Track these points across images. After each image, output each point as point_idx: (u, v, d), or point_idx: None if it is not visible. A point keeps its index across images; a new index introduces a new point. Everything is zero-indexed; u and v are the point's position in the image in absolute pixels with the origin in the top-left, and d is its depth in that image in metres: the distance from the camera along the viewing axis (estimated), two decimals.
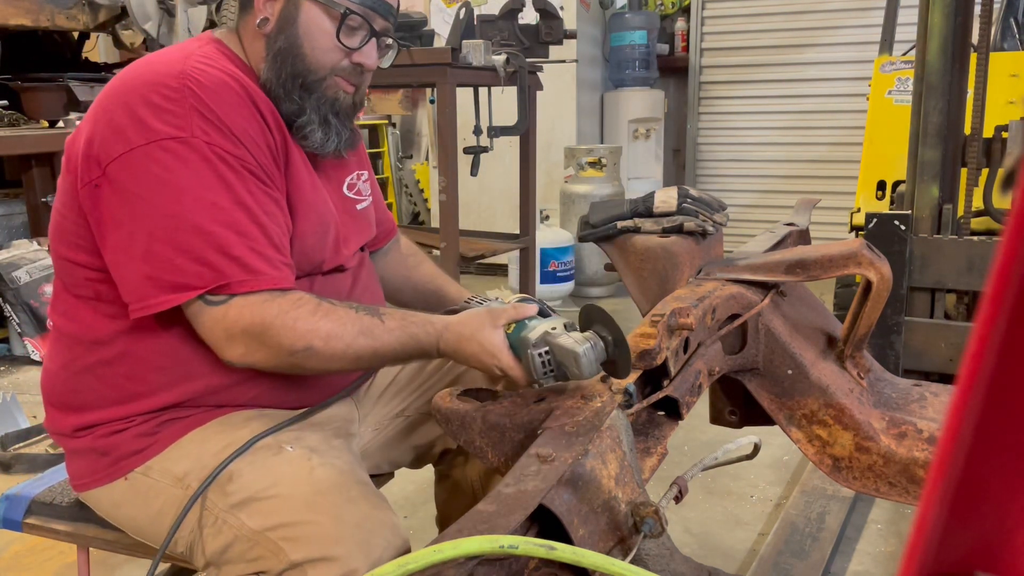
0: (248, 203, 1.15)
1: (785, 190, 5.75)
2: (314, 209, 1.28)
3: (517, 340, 1.16)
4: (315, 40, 1.25)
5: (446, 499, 1.60)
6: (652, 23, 5.63)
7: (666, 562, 0.93)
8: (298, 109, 1.25)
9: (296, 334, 1.13)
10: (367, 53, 1.28)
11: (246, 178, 1.15)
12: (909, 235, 2.43)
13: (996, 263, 0.30)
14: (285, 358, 1.15)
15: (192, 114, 1.13)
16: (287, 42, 1.24)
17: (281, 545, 1.09)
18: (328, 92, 1.27)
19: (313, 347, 1.14)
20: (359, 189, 1.45)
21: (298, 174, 1.26)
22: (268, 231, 1.16)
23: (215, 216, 1.12)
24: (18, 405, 2.95)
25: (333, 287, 1.32)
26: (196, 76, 1.16)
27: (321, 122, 1.27)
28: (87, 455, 1.25)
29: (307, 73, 1.25)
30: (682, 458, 2.69)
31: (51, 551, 2.17)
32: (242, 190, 1.14)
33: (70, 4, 4.16)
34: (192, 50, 1.23)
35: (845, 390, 1.34)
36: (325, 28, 1.24)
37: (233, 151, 1.14)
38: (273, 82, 1.25)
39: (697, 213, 1.44)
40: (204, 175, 1.12)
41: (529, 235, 4.03)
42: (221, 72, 1.19)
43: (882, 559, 2.16)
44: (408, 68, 3.24)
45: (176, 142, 1.12)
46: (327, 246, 1.30)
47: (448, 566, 0.72)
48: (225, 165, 1.13)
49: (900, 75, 3.59)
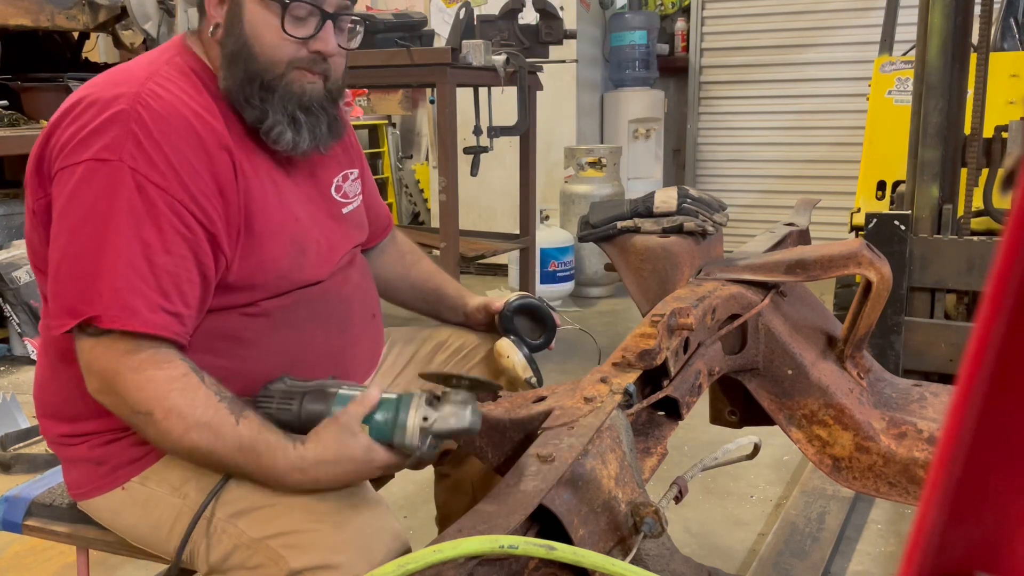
0: (150, 240, 1.09)
1: (785, 190, 5.75)
2: (283, 231, 1.23)
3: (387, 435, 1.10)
4: (262, 37, 1.19)
5: (446, 499, 1.60)
6: (652, 23, 5.63)
7: (666, 562, 0.93)
8: (260, 113, 1.20)
9: (141, 396, 1.07)
10: (324, 39, 1.22)
11: (161, 213, 1.09)
12: (909, 235, 2.43)
13: (996, 263, 0.30)
14: (127, 415, 1.10)
15: (128, 139, 1.09)
16: (236, 44, 1.20)
17: (282, 553, 1.09)
18: (293, 88, 1.22)
19: (153, 416, 1.07)
20: (346, 191, 1.40)
21: (261, 199, 1.21)
22: (160, 271, 1.09)
23: (110, 243, 1.07)
24: (18, 405, 2.95)
25: (322, 296, 1.30)
26: (148, 99, 1.12)
27: (289, 121, 1.22)
28: (83, 464, 1.24)
29: (263, 72, 1.20)
30: (682, 458, 2.69)
31: (51, 552, 2.17)
32: (150, 225, 1.09)
33: (70, 4, 4.16)
34: (158, 66, 1.19)
35: (845, 390, 1.34)
36: (270, 23, 1.19)
37: (159, 183, 1.09)
38: (233, 90, 1.20)
39: (697, 213, 1.44)
40: (115, 201, 1.08)
41: (529, 235, 4.03)
42: (177, 96, 1.15)
43: (882, 559, 2.16)
44: (408, 68, 3.24)
45: (101, 164, 1.09)
46: (307, 263, 1.26)
47: (448, 566, 0.72)
48: (140, 196, 1.08)
49: (900, 75, 3.58)
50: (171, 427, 1.07)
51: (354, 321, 1.36)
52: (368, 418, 1.10)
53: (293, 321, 1.26)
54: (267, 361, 1.23)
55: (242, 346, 1.22)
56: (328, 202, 1.36)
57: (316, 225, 1.30)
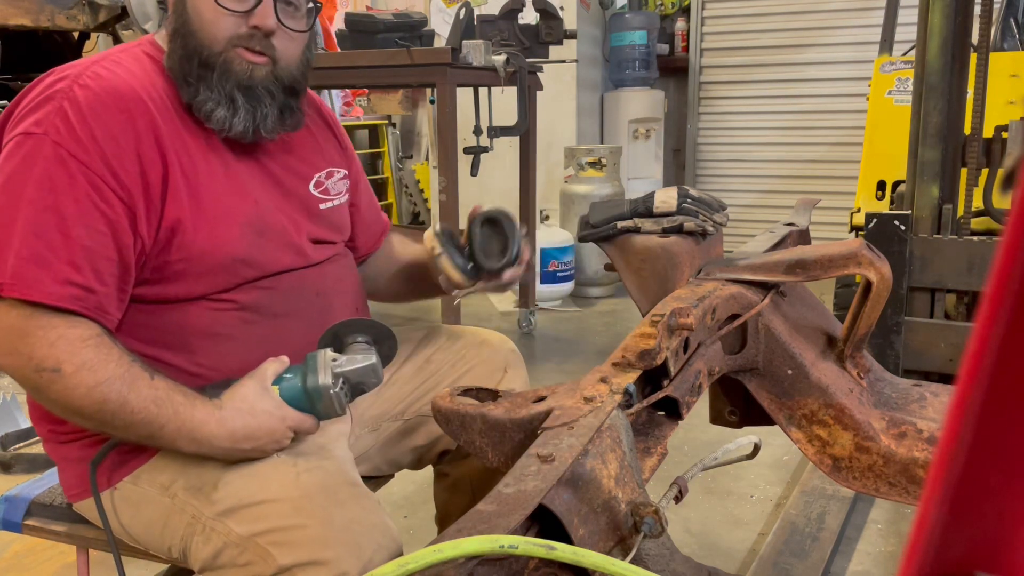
0: (66, 212, 1.08)
1: (785, 190, 5.75)
2: (235, 213, 1.21)
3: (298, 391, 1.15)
4: (201, 13, 1.19)
5: (446, 499, 1.60)
6: (652, 23, 5.63)
7: (666, 562, 0.93)
8: (194, 90, 1.20)
9: (50, 351, 1.05)
10: (261, 13, 1.20)
11: (79, 187, 1.09)
12: (909, 235, 2.43)
13: (996, 263, 0.30)
14: (31, 373, 1.07)
15: (56, 115, 1.10)
16: (179, 21, 1.21)
17: (270, 550, 1.09)
18: (232, 66, 1.20)
19: (62, 370, 1.05)
20: (327, 188, 1.39)
21: (208, 181, 1.20)
22: (74, 244, 1.08)
23: (23, 214, 1.07)
24: (18, 405, 2.95)
25: (297, 289, 1.29)
26: (87, 79, 1.13)
27: (225, 100, 1.20)
28: (76, 465, 1.24)
29: (201, 48, 1.20)
30: (682, 458, 2.69)
31: (51, 551, 2.17)
32: (67, 197, 1.08)
33: (70, 4, 4.16)
34: (110, 54, 1.21)
35: (845, 390, 1.34)
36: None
37: (82, 157, 1.09)
38: (175, 68, 1.21)
39: (697, 213, 1.44)
40: (32, 172, 1.08)
41: (529, 235, 4.02)
42: (119, 76, 1.16)
43: (882, 559, 2.16)
44: (408, 68, 3.24)
45: (27, 137, 1.10)
46: (267, 247, 1.24)
47: (448, 566, 0.72)
48: (61, 168, 1.08)
49: (900, 75, 3.58)
50: (80, 381, 1.06)
51: (335, 315, 1.34)
52: (279, 379, 1.16)
53: (265, 314, 1.25)
54: (242, 357, 1.22)
55: (214, 341, 1.22)
56: (302, 195, 1.35)
57: (279, 211, 1.29)
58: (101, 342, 1.09)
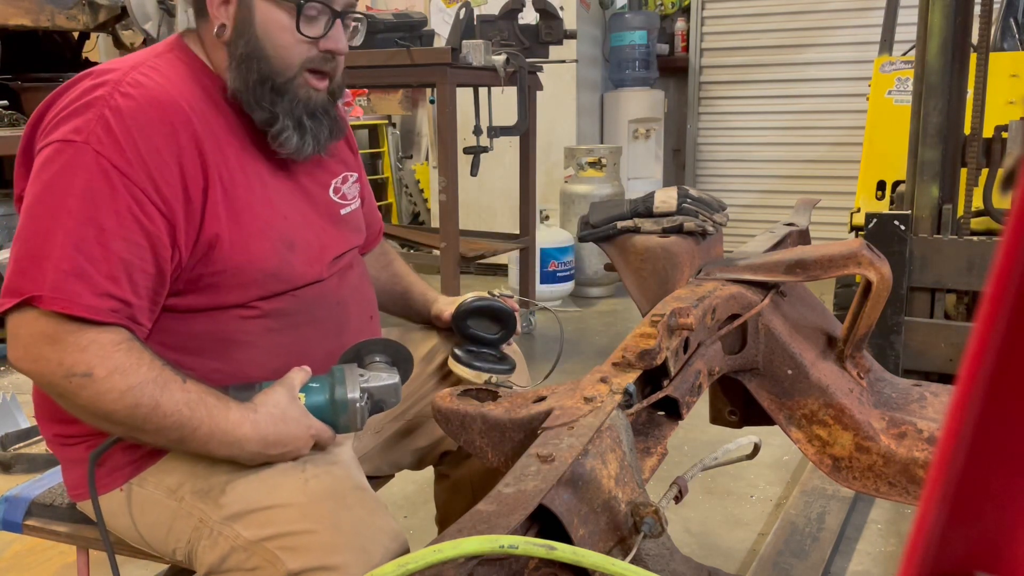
0: (106, 224, 1.06)
1: (785, 190, 5.75)
2: (271, 229, 1.22)
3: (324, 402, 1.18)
4: (276, 39, 1.19)
5: (446, 499, 1.60)
6: (652, 23, 5.63)
7: (666, 562, 0.93)
8: (270, 117, 1.20)
9: (82, 356, 1.04)
10: (335, 37, 1.22)
11: (121, 199, 1.07)
12: (909, 235, 2.43)
13: (996, 263, 0.30)
14: (60, 379, 1.05)
15: (98, 123, 1.08)
16: (248, 47, 1.19)
17: (279, 555, 1.09)
18: (300, 92, 1.22)
19: (93, 375, 1.04)
20: (344, 193, 1.39)
21: (246, 196, 1.20)
22: (113, 257, 1.07)
23: (63, 225, 1.05)
24: (18, 405, 2.95)
25: (319, 298, 1.29)
26: (128, 86, 1.11)
27: (296, 126, 1.22)
28: (82, 465, 1.24)
29: (275, 75, 1.20)
30: (682, 458, 2.69)
31: (51, 551, 2.17)
32: (108, 210, 1.07)
33: (70, 4, 4.16)
34: (146, 58, 1.19)
35: (845, 390, 1.34)
36: (284, 24, 1.19)
37: (124, 169, 1.07)
38: (242, 91, 1.19)
39: (697, 213, 1.44)
40: (74, 182, 1.06)
41: (529, 235, 4.03)
42: (160, 85, 1.14)
43: (882, 559, 2.16)
44: (408, 68, 3.23)
45: (67, 144, 1.08)
46: (296, 261, 1.24)
47: (448, 566, 0.72)
48: (104, 180, 1.07)
49: (900, 75, 3.58)
50: (113, 385, 1.04)
51: (351, 324, 1.35)
52: (304, 388, 1.19)
53: (289, 323, 1.26)
54: (263, 364, 1.23)
55: (237, 348, 1.22)
56: (326, 203, 1.35)
57: (308, 225, 1.29)
58: (132, 347, 1.08)
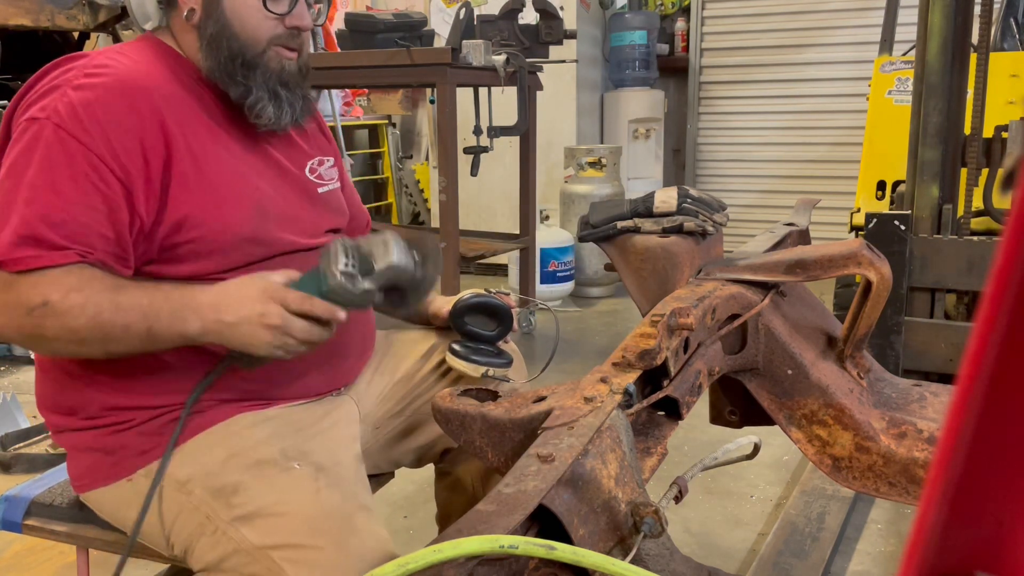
0: (63, 190, 1.11)
1: (785, 190, 5.75)
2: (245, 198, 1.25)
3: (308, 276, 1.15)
4: (243, 16, 1.26)
5: (446, 497, 1.60)
6: (652, 23, 5.63)
7: (666, 562, 0.93)
8: (244, 90, 1.26)
9: (35, 291, 1.08)
10: (299, 15, 1.30)
11: (78, 167, 1.12)
12: (909, 235, 2.43)
13: (996, 263, 0.30)
14: (23, 320, 1.09)
15: (61, 100, 1.14)
16: (217, 25, 1.25)
17: (283, 566, 1.10)
18: (271, 64, 1.28)
19: (50, 302, 1.08)
20: (320, 174, 1.43)
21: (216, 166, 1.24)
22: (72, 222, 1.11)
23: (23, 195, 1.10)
24: (18, 405, 2.95)
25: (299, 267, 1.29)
26: (92, 69, 1.17)
27: (271, 96, 1.28)
28: (91, 454, 1.25)
29: (244, 50, 1.26)
30: (682, 458, 2.69)
31: (51, 551, 2.17)
32: (65, 177, 1.12)
33: (70, 4, 4.16)
34: (115, 47, 1.27)
35: (845, 390, 1.34)
36: (250, 2, 1.26)
37: (82, 138, 1.12)
38: (215, 69, 1.26)
39: (697, 213, 1.44)
40: (34, 155, 1.12)
41: (529, 235, 4.03)
42: (126, 68, 1.20)
43: (882, 559, 2.16)
44: (408, 68, 3.23)
45: (31, 122, 1.14)
46: (271, 225, 1.28)
47: (448, 566, 0.72)
48: (61, 149, 1.12)
49: (900, 75, 3.58)
50: (72, 304, 1.08)
51: None
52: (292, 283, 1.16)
53: None
54: None
55: None
56: (301, 181, 1.39)
57: (282, 197, 1.33)
58: (83, 268, 1.11)
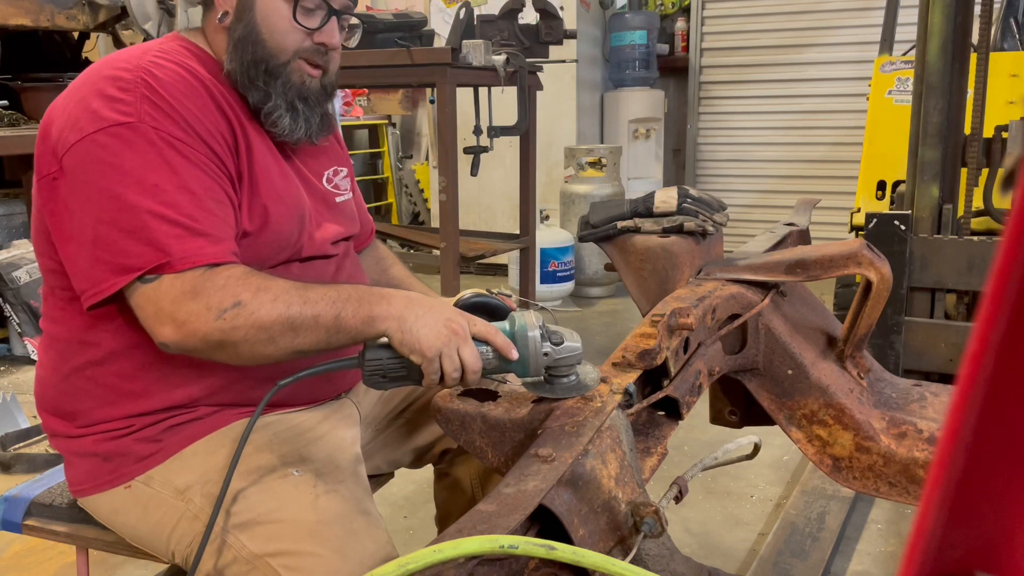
0: (192, 187, 1.12)
1: (785, 190, 5.75)
2: (288, 195, 1.27)
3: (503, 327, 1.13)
4: (273, 24, 1.25)
5: (446, 497, 1.60)
6: (652, 23, 5.63)
7: (666, 562, 0.93)
8: (263, 96, 1.25)
9: (225, 291, 1.09)
10: (328, 32, 1.28)
11: (192, 164, 1.14)
12: (909, 235, 2.43)
13: (996, 263, 0.30)
14: (213, 322, 1.08)
15: (142, 102, 1.13)
16: (246, 30, 1.25)
17: (281, 573, 1.10)
18: (293, 77, 1.27)
19: (241, 301, 1.08)
20: (336, 184, 1.44)
21: (263, 162, 1.25)
22: (211, 214, 1.13)
23: (157, 197, 1.10)
24: (18, 405, 2.95)
25: (315, 273, 1.32)
26: (151, 68, 1.17)
27: (288, 108, 1.27)
28: (88, 460, 1.24)
29: (269, 58, 1.25)
30: (682, 458, 2.69)
31: (51, 551, 2.17)
32: (186, 174, 1.13)
33: (70, 4, 4.16)
34: (152, 47, 1.25)
35: (845, 390, 1.34)
36: (281, 11, 1.25)
37: (182, 137, 1.13)
38: (237, 71, 1.25)
39: (697, 213, 1.44)
40: (148, 157, 1.11)
41: (529, 235, 4.03)
42: (177, 65, 1.20)
43: (882, 559, 2.16)
44: (408, 68, 3.23)
45: (123, 127, 1.11)
46: (303, 232, 1.29)
47: (448, 566, 0.72)
48: (172, 150, 1.12)
49: (900, 75, 3.58)
50: (263, 301, 1.09)
51: None
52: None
53: None
54: None
55: None
56: (320, 190, 1.40)
57: (311, 205, 1.34)
58: (253, 270, 1.13)
